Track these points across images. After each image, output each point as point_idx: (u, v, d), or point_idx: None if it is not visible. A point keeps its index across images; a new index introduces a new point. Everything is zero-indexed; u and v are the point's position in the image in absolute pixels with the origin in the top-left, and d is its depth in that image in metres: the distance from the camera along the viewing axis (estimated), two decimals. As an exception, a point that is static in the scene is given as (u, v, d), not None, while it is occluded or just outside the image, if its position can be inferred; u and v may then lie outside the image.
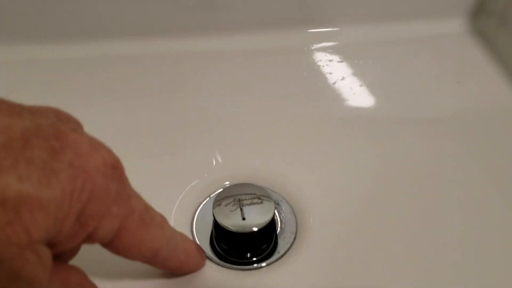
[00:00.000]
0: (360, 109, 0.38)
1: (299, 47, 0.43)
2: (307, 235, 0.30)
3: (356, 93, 0.39)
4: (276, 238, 0.30)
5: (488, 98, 0.39)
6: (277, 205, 0.31)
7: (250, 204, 0.28)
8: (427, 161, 0.34)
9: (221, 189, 0.31)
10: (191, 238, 0.30)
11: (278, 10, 0.43)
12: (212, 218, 0.29)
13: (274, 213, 0.29)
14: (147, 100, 0.39)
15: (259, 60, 0.42)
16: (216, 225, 0.28)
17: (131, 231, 0.20)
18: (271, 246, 0.29)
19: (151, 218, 0.22)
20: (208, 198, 0.32)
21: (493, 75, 0.40)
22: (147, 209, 0.22)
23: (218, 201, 0.29)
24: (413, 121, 0.37)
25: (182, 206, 0.31)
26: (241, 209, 0.28)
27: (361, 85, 0.40)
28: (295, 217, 0.31)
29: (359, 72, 0.41)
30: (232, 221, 0.28)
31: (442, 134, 0.36)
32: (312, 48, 0.43)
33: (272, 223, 0.29)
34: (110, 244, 0.20)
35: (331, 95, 0.39)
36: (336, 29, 0.44)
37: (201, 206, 0.31)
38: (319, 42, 0.44)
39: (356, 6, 0.44)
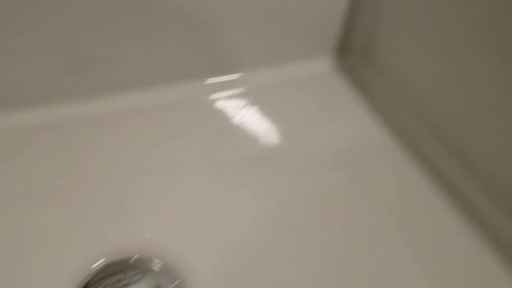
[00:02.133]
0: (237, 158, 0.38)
1: (195, 99, 0.42)
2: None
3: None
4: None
5: (358, 133, 0.41)
6: (161, 275, 0.29)
7: (129, 283, 0.26)
8: (309, 199, 0.35)
9: (99, 268, 0.29)
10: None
11: (176, 63, 0.42)
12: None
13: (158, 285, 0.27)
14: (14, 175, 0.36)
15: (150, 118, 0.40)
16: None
17: None
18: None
19: None
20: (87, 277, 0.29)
21: (360, 111, 0.42)
22: None
23: (95, 283, 0.26)
24: (293, 160, 0.37)
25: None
26: None
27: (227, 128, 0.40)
28: (183, 284, 0.29)
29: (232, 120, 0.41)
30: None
31: (323, 171, 0.37)
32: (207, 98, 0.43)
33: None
34: None
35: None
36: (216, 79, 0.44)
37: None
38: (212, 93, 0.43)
39: (242, 54, 0.44)
